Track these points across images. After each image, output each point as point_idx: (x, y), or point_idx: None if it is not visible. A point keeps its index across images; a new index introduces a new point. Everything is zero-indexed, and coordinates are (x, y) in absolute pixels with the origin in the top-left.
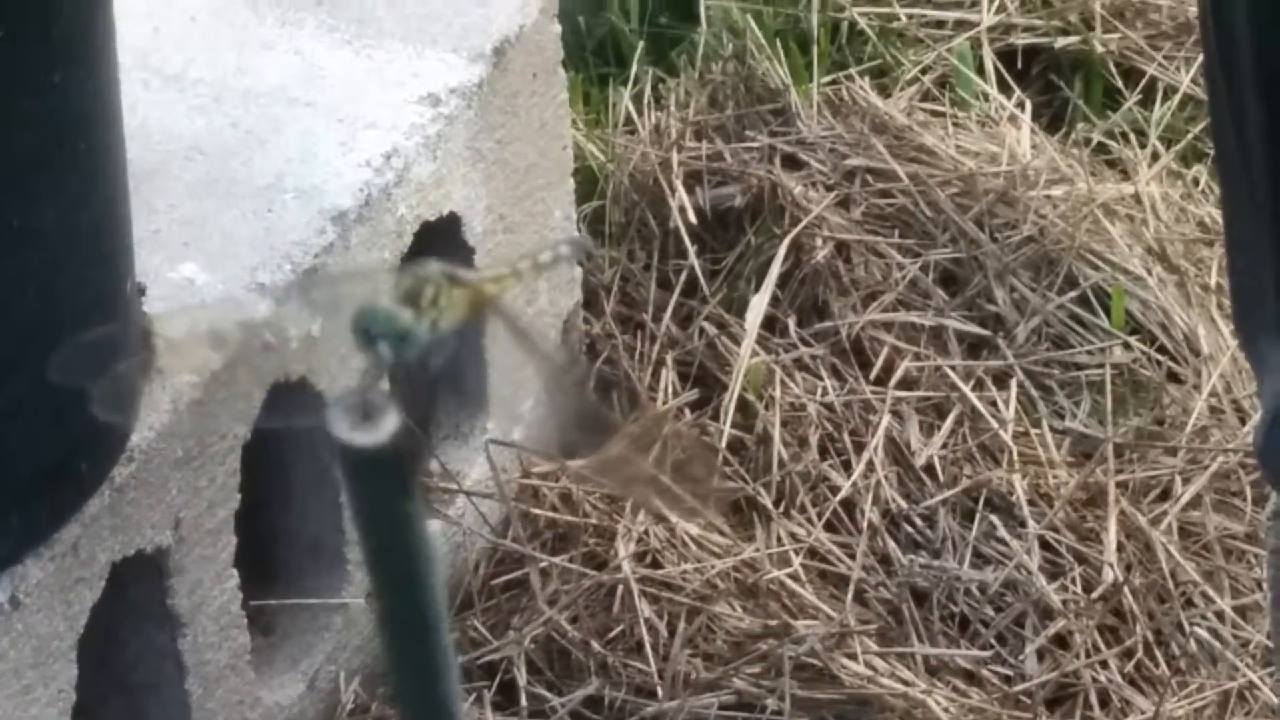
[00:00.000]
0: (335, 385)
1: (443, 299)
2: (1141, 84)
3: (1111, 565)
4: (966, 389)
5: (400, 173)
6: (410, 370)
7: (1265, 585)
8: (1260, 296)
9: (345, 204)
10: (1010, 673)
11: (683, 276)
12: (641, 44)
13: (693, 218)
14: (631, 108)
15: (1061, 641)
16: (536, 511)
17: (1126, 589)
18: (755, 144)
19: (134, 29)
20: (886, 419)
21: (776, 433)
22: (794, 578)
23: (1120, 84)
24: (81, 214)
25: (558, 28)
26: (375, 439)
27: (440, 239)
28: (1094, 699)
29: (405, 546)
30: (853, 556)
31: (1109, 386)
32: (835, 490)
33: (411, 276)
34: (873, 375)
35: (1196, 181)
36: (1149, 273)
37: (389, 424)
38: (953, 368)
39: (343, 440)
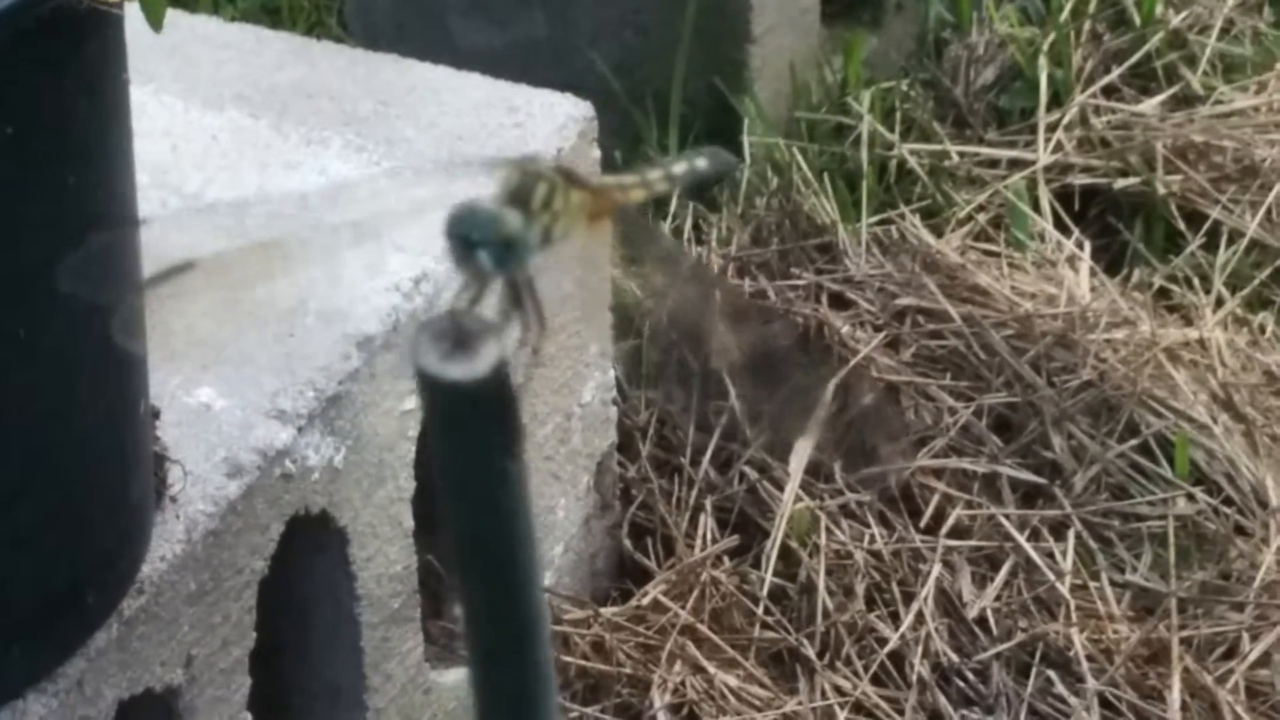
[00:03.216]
0: (358, 521)
1: (557, 201)
2: (1205, 227)
3: None
4: (1021, 539)
5: (430, 298)
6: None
7: None
8: None
9: (371, 329)
10: None
11: (723, 419)
12: None
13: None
14: None
15: None
16: (567, 659)
17: None
18: (801, 281)
19: (152, 146)
20: (937, 569)
21: (821, 581)
22: None
23: (1183, 227)
24: (92, 326)
25: (597, 152)
26: (471, 372)
27: None
28: None
29: (501, 513)
30: (901, 712)
31: (1172, 539)
32: (883, 642)
33: (520, 171)
34: (923, 523)
35: (1263, 329)
36: (1214, 421)
37: (489, 354)
38: (1007, 517)
39: (430, 373)
